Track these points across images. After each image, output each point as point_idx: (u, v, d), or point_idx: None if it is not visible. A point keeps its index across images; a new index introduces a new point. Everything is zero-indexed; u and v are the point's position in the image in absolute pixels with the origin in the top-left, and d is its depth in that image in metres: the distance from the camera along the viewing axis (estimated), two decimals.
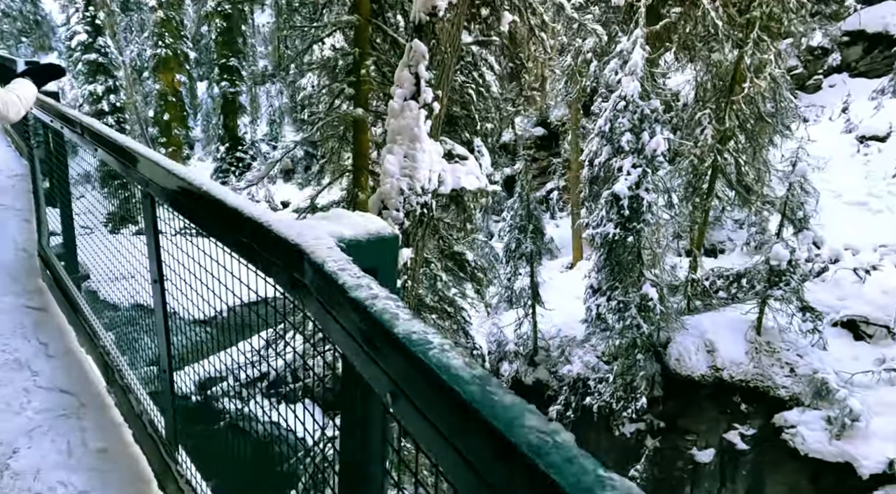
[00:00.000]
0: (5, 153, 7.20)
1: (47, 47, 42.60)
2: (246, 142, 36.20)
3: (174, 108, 33.84)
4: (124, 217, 22.90)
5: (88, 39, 30.50)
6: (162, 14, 32.01)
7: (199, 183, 1.53)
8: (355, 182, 7.27)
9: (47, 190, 4.30)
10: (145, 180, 1.92)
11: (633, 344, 10.30)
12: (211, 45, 37.35)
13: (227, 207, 1.33)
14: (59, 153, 4.00)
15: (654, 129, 9.32)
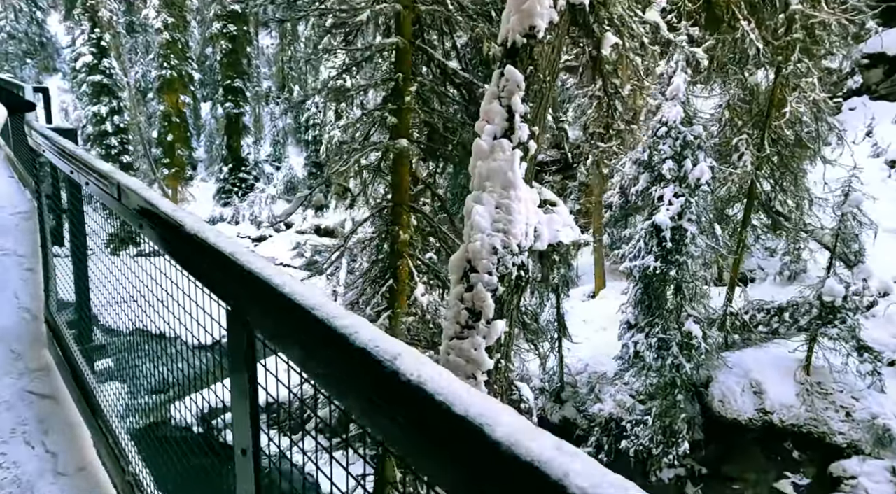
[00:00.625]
0: (7, 185, 6.54)
1: (52, 69, 42.21)
2: (249, 162, 35.65)
3: (178, 129, 33.32)
4: (125, 239, 22.12)
5: (94, 61, 30.10)
6: (168, 36, 31.66)
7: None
8: (394, 219, 6.58)
9: (53, 227, 3.60)
10: (238, 296, 1.24)
11: (672, 383, 9.57)
12: (215, 66, 37.05)
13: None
14: (74, 194, 3.24)
15: (698, 157, 8.73)
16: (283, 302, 0.95)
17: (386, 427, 0.73)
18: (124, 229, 2.27)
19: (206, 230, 1.35)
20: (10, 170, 7.07)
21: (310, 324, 0.87)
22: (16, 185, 6.51)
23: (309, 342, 0.91)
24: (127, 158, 31.98)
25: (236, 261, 1.13)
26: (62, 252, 3.51)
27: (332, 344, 0.82)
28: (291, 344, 0.99)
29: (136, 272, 2.03)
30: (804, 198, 10.63)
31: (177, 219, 1.43)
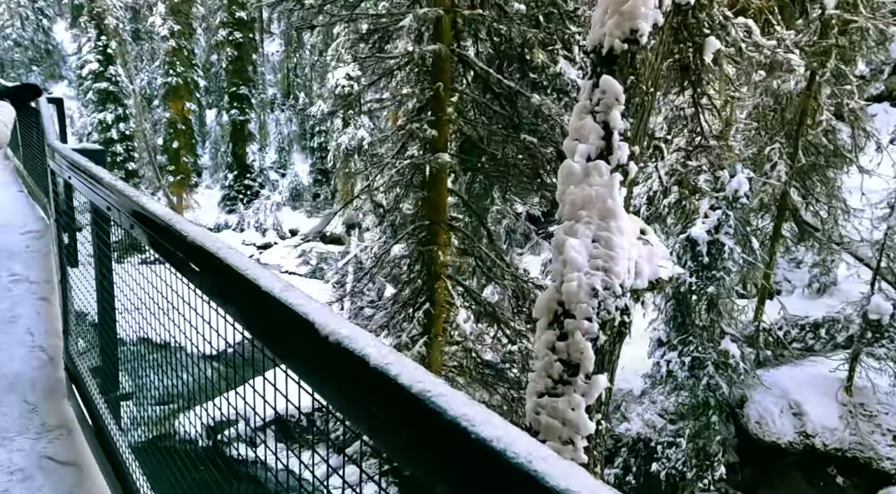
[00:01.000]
0: (15, 201, 6.03)
1: (57, 76, 41.94)
2: (254, 169, 35.26)
3: (183, 136, 32.95)
4: (132, 245, 21.67)
5: (100, 68, 29.77)
6: (174, 43, 31.32)
7: None
8: (430, 238, 6.05)
9: (68, 244, 3.09)
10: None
11: (705, 403, 9.07)
12: (220, 73, 36.74)
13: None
14: (102, 227, 2.58)
15: (735, 167, 8.28)
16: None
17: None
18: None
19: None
20: (20, 183, 6.59)
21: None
22: (25, 200, 6.00)
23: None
24: (132, 165, 31.59)
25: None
26: (76, 273, 3.00)
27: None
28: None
29: (170, 298, 1.56)
30: (838, 208, 10.16)
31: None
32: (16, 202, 5.86)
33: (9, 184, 6.64)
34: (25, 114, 6.34)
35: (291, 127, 38.57)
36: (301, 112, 37.71)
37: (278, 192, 35.16)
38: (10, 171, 7.19)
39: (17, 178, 6.82)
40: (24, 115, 6.21)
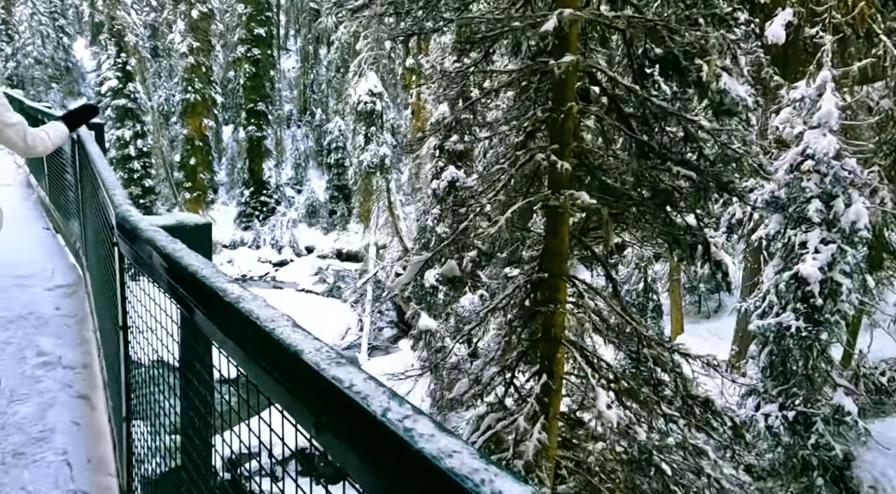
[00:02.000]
0: (41, 242, 4.86)
1: (76, 93, 41.43)
2: (270, 185, 34.37)
3: (200, 153, 32.14)
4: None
5: (119, 85, 29.11)
6: (192, 60, 30.64)
7: None
8: (550, 294, 4.70)
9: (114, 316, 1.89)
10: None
11: (807, 463, 7.71)
12: (237, 89, 36.11)
13: None
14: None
15: (851, 196, 7.03)
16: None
17: None
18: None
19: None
20: (45, 218, 5.37)
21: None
22: (52, 241, 4.73)
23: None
24: (149, 182, 30.79)
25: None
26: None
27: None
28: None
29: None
30: None
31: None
32: (42, 244, 4.64)
33: (33, 220, 5.39)
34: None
35: (308, 143, 37.77)
36: (317, 128, 36.89)
37: (294, 209, 34.23)
38: (35, 203, 5.96)
39: (42, 212, 5.59)
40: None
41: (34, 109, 6.24)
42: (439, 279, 8.39)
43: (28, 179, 7.03)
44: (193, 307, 0.97)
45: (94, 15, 40.40)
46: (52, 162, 5.41)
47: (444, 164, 10.88)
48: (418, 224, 12.52)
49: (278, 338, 0.72)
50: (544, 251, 4.89)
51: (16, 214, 4.95)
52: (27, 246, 4.44)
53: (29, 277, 3.78)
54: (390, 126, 23.25)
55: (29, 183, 6.89)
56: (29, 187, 6.93)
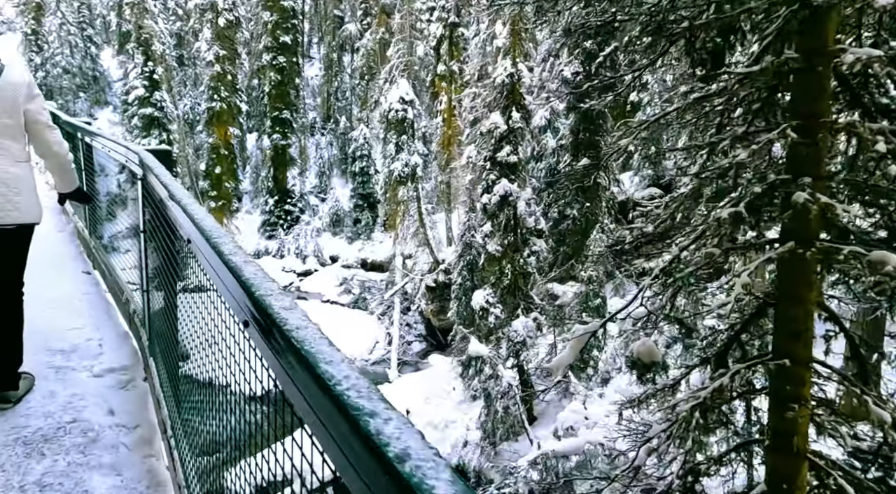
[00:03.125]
0: (80, 294, 3.86)
1: (103, 102, 41.73)
2: (295, 194, 33.99)
3: (225, 162, 31.90)
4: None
5: (146, 94, 29.03)
6: (218, 68, 30.43)
7: None
8: (792, 389, 3.27)
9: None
10: None
11: None
12: (261, 97, 35.92)
13: None
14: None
15: None
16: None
17: None
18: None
19: None
20: (84, 258, 4.48)
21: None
22: (95, 291, 3.84)
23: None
24: None
25: None
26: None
27: None
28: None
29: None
30: None
31: None
32: (83, 297, 3.70)
33: (69, 260, 4.44)
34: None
35: (332, 151, 37.36)
36: (342, 136, 36.46)
37: (318, 218, 33.80)
38: (71, 235, 5.17)
39: (79, 248, 4.84)
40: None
41: (71, 125, 5.56)
42: (632, 362, 6.68)
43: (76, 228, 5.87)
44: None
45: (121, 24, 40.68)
46: (92, 183, 4.70)
47: (496, 177, 10.06)
48: (463, 240, 11.71)
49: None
50: (778, 324, 3.58)
51: (49, 250, 4.22)
52: (64, 299, 3.55)
53: (69, 353, 2.87)
54: (422, 134, 22.48)
55: (64, 208, 5.89)
56: (63, 214, 5.96)
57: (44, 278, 3.06)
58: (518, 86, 10.02)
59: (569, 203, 10.84)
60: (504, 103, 10.09)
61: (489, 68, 16.06)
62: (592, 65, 10.43)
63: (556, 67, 10.67)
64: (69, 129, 5.36)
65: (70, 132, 5.32)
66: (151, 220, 2.34)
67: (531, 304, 10.60)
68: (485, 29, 14.62)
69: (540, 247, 10.24)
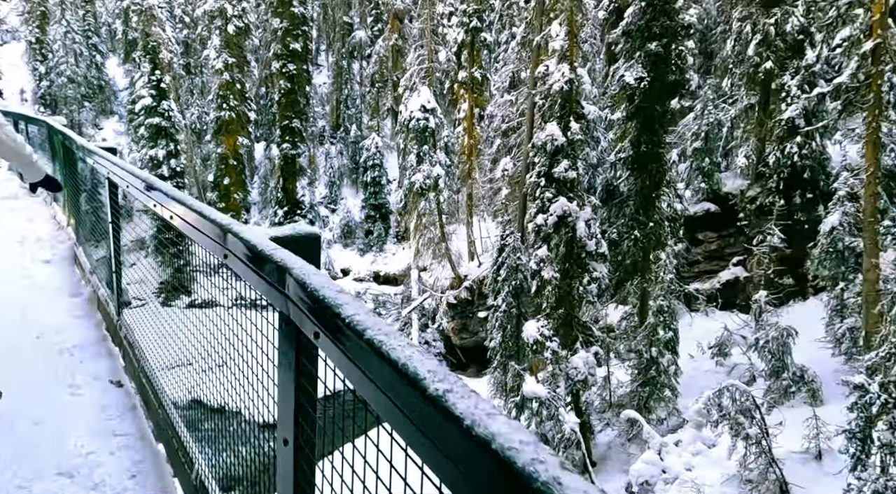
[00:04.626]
0: (73, 329, 3.08)
1: (108, 111, 40.98)
2: (305, 205, 33.03)
3: (234, 172, 30.98)
4: (176, 287, 19.13)
5: (153, 103, 28.21)
6: (227, 76, 29.57)
7: None
8: None
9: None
10: None
11: None
12: (270, 105, 35.12)
13: None
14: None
15: None
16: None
17: None
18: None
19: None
20: (111, 352, 3.02)
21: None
22: (137, 439, 2.28)
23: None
24: None
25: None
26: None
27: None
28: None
29: None
30: None
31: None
32: (104, 456, 2.15)
33: (88, 362, 2.81)
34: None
35: (342, 160, 36.44)
36: (352, 145, 35.58)
37: (329, 229, 32.81)
38: (87, 306, 3.41)
39: (103, 332, 3.21)
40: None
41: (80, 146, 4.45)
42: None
43: (74, 252, 4.46)
44: None
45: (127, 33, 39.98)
46: (83, 188, 3.60)
47: (552, 195, 8.99)
48: (508, 262, 10.61)
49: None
50: None
51: (51, 336, 2.87)
52: (70, 456, 2.06)
53: (62, 441, 1.91)
54: (444, 144, 21.49)
55: (76, 258, 4.39)
56: (75, 265, 4.38)
57: (39, 395, 2.00)
58: (576, 94, 8.97)
59: (629, 223, 9.75)
60: (560, 113, 9.04)
61: (524, 74, 15.02)
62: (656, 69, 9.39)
63: (616, 72, 9.64)
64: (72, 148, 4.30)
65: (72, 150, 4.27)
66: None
67: (591, 337, 9.49)
68: (520, 32, 13.62)
69: (601, 273, 9.14)
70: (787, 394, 7.95)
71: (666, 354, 8.86)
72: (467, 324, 22.78)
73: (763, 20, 11.03)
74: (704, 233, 13.33)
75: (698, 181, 12.86)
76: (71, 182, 4.28)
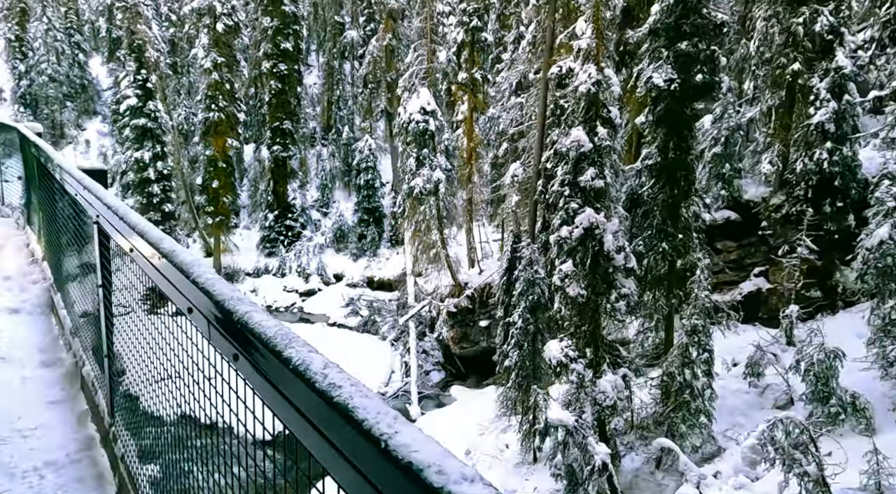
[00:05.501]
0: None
1: (91, 111, 39.60)
2: (296, 208, 32.04)
3: (223, 175, 29.90)
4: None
5: (139, 103, 27.11)
6: (216, 76, 28.52)
7: None
8: None
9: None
10: None
11: None
12: (259, 106, 34.13)
13: None
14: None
15: None
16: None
17: None
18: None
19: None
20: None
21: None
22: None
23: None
24: (169, 207, 28.62)
25: None
26: None
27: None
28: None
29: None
30: None
31: None
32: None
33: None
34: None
35: (334, 162, 35.54)
36: (344, 147, 34.69)
37: (321, 233, 31.87)
38: (64, 382, 2.67)
39: (91, 431, 2.32)
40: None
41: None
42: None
43: (51, 297, 3.48)
44: None
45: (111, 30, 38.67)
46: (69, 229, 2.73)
47: (578, 205, 8.29)
48: (524, 275, 9.90)
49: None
50: None
51: (14, 471, 1.88)
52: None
53: None
54: (444, 148, 20.74)
55: (53, 305, 3.42)
56: (52, 315, 3.36)
57: None
58: (602, 97, 8.29)
59: (656, 234, 9.10)
60: (584, 116, 8.35)
61: (531, 75, 14.34)
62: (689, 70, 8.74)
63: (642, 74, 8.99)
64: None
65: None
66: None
67: (618, 357, 8.81)
68: (531, 31, 12.94)
69: (630, 289, 8.46)
70: (836, 422, 7.36)
71: (700, 377, 8.21)
72: (468, 333, 22.00)
73: (791, 19, 10.47)
74: (724, 241, 12.73)
75: (717, 188, 12.26)
76: (47, 205, 3.30)
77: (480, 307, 20.80)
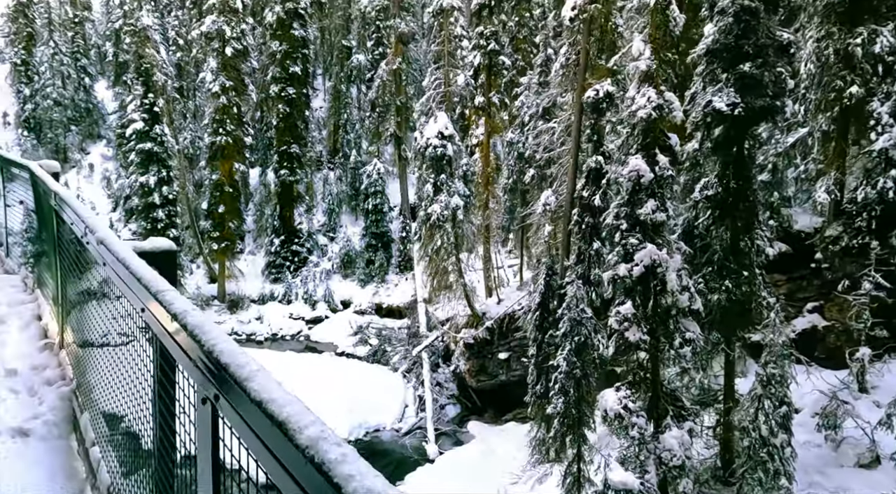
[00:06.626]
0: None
1: (96, 135, 39.19)
2: (302, 233, 31.26)
3: (229, 199, 29.20)
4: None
5: (145, 127, 26.60)
6: (225, 100, 28.08)
7: None
8: None
9: None
10: None
11: None
12: (265, 130, 33.71)
13: None
14: None
15: None
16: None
17: None
18: None
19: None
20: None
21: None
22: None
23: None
24: (174, 232, 27.89)
25: None
26: None
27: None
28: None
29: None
30: None
31: None
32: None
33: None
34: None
35: (341, 187, 34.87)
36: (352, 171, 34.10)
37: (328, 259, 31.00)
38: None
39: (71, 435, 1.66)
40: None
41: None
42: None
43: (73, 408, 2.45)
44: None
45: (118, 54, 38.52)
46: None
47: (638, 241, 7.49)
48: (570, 315, 9.03)
49: None
50: None
51: None
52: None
53: None
54: (462, 173, 20.04)
55: (76, 424, 2.40)
56: (73, 439, 2.34)
57: None
58: (661, 123, 7.59)
59: (717, 271, 8.30)
60: (642, 143, 7.62)
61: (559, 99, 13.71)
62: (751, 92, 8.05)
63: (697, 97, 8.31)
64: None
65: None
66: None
67: (682, 409, 7.89)
68: (562, 53, 12.36)
69: (695, 333, 7.61)
70: None
71: (779, 434, 7.30)
72: (486, 366, 20.91)
73: (848, 40, 9.85)
74: (772, 275, 11.88)
75: (765, 217, 11.49)
76: (71, 270, 2.36)
77: (499, 338, 19.83)
